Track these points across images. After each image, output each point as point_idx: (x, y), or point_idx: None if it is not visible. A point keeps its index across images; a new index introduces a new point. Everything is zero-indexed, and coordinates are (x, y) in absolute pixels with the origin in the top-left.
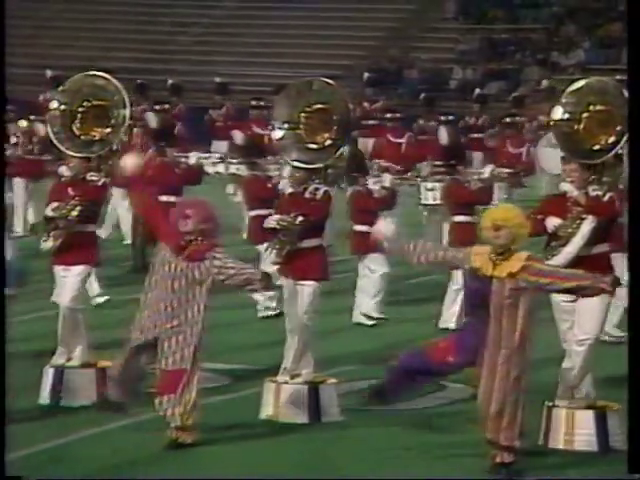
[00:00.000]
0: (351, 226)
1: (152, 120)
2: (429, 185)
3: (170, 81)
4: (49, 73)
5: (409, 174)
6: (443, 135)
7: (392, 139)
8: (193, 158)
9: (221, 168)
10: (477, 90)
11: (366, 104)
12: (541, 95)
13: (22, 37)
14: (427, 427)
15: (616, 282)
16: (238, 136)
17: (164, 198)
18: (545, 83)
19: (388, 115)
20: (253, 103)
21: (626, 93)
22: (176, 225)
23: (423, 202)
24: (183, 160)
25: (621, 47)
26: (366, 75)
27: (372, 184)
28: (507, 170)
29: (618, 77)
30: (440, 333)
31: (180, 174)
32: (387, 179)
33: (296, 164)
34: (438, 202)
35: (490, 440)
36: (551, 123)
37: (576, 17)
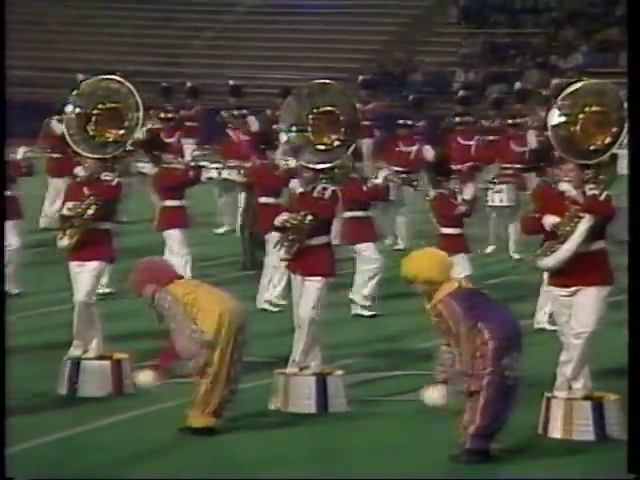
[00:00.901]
0: (437, 229)
1: (253, 124)
2: (497, 187)
3: (188, 84)
4: (80, 77)
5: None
6: (532, 138)
7: (462, 142)
8: (292, 161)
9: None
10: (461, 92)
11: (359, 105)
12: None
13: (41, 42)
14: (427, 418)
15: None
16: (430, 152)
17: (263, 200)
18: (518, 85)
19: (457, 119)
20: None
21: (622, 95)
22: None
23: (490, 204)
24: (283, 163)
25: (618, 51)
26: (360, 78)
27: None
28: None
29: (615, 80)
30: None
31: (280, 176)
32: (470, 190)
33: (306, 165)
34: (505, 204)
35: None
36: (548, 126)
37: (575, 22)
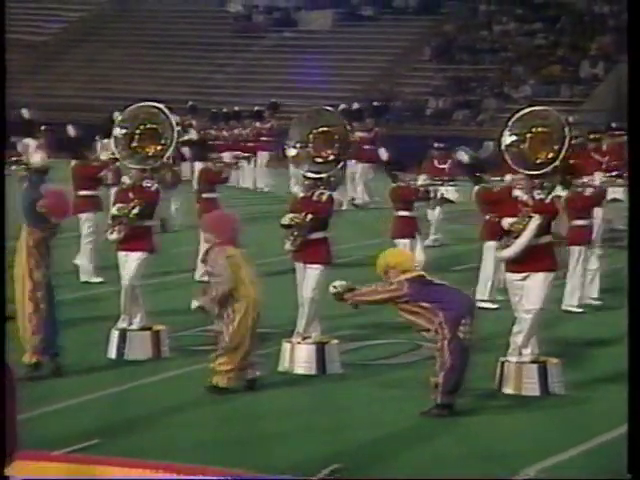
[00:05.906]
0: (569, 222)
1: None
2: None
3: (234, 108)
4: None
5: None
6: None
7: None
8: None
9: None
10: (342, 105)
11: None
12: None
13: (100, 75)
14: (406, 377)
15: None
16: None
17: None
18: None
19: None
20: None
21: (563, 119)
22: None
23: None
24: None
25: (560, 84)
26: (342, 107)
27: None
28: None
29: (557, 107)
30: None
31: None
32: (597, 178)
33: (306, 174)
34: None
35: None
36: (502, 144)
37: (524, 60)
